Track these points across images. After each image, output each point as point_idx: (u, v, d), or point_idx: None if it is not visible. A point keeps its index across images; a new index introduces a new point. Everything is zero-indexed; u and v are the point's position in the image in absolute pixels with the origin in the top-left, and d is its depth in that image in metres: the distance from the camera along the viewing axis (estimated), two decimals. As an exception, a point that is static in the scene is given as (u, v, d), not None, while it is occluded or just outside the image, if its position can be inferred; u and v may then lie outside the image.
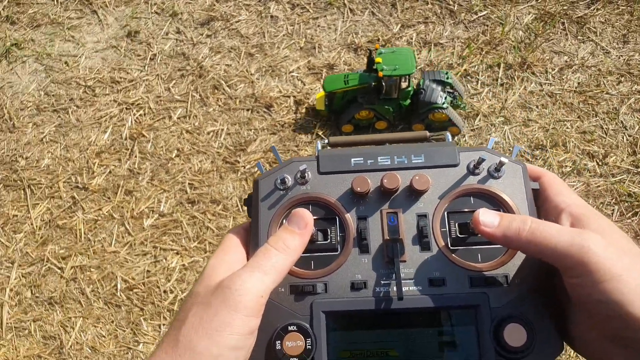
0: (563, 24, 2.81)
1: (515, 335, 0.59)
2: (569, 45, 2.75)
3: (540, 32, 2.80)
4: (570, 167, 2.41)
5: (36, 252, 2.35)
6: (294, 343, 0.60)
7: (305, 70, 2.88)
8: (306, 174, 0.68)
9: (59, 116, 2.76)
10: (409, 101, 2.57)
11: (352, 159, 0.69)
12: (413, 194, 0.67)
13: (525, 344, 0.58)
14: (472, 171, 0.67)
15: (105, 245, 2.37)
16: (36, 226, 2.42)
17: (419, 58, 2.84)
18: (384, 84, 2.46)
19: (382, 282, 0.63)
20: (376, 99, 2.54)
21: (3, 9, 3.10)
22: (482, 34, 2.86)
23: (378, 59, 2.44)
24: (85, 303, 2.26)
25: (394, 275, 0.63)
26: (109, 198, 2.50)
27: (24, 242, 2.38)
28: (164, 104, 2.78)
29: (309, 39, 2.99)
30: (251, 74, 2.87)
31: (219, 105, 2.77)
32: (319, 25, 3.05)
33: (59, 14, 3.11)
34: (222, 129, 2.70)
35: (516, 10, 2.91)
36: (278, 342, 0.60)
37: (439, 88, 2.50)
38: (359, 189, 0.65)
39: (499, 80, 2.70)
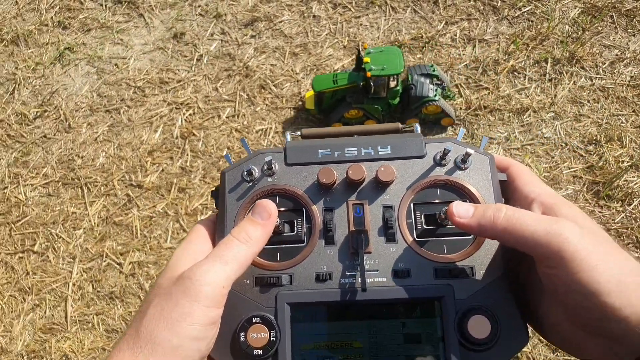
0: (612, 17, 2.79)
1: (479, 327, 0.58)
2: (619, 38, 2.72)
3: (587, 26, 2.78)
4: (628, 161, 2.38)
5: (95, 248, 2.42)
6: (258, 335, 0.60)
7: (349, 68, 2.90)
8: (273, 166, 0.68)
9: (111, 116, 2.83)
10: (398, 99, 2.59)
11: (319, 151, 0.69)
12: (379, 185, 0.67)
13: (489, 335, 0.58)
14: (438, 162, 0.67)
15: (161, 241, 2.42)
16: (94, 223, 2.49)
17: (463, 54, 2.84)
18: (372, 83, 2.47)
19: (347, 273, 0.63)
20: (365, 98, 2.55)
21: (55, 15, 3.19)
22: (527, 30, 2.85)
23: (366, 59, 2.45)
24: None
25: (358, 266, 0.63)
26: (162, 195, 2.56)
27: (84, 238, 2.45)
28: (212, 103, 2.83)
29: (352, 37, 3.02)
30: (296, 73, 2.91)
31: (266, 104, 2.81)
32: (361, 24, 3.07)
33: (107, 18, 3.19)
34: (270, 127, 2.74)
35: (561, 4, 2.89)
36: (242, 333, 0.60)
37: (428, 81, 2.53)
38: (324, 180, 0.65)
39: (547, 75, 2.68)
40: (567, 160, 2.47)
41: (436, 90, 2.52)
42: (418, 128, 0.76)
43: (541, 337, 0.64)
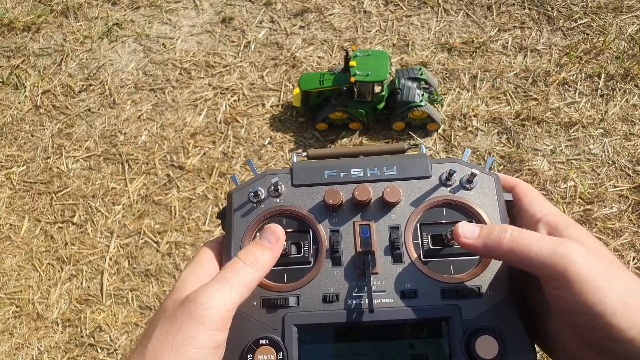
0: (671, 37, 2.73)
1: (486, 347, 0.58)
2: (677, 59, 2.67)
3: (645, 44, 2.73)
4: (680, 184, 2.34)
5: (133, 224, 2.43)
6: (265, 356, 0.60)
7: (397, 66, 2.88)
8: (279, 187, 0.68)
9: (156, 95, 2.84)
10: (383, 104, 2.57)
11: (326, 172, 0.69)
12: (385, 205, 0.67)
13: (497, 356, 0.58)
14: (444, 183, 0.67)
15: (200, 224, 2.43)
16: (133, 200, 2.50)
17: (513, 63, 2.80)
18: (355, 88, 2.45)
19: (354, 294, 0.63)
20: (349, 101, 2.53)
21: (106, -11, 3.21)
22: (582, 43, 2.80)
23: (352, 63, 2.43)
24: (178, 278, 2.32)
25: (365, 287, 0.63)
26: (203, 179, 2.56)
27: (122, 214, 2.47)
28: (257, 91, 2.83)
29: (402, 36, 2.99)
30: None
31: (311, 96, 2.80)
32: (412, 24, 3.05)
33: (158, -4, 3.19)
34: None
35: (619, 20, 2.84)
36: (250, 355, 0.60)
37: (415, 85, 2.51)
38: (331, 201, 0.66)
39: (599, 91, 2.64)
40: (614, 179, 2.43)
41: (422, 95, 2.51)
42: (424, 149, 0.76)
43: (548, 357, 0.63)
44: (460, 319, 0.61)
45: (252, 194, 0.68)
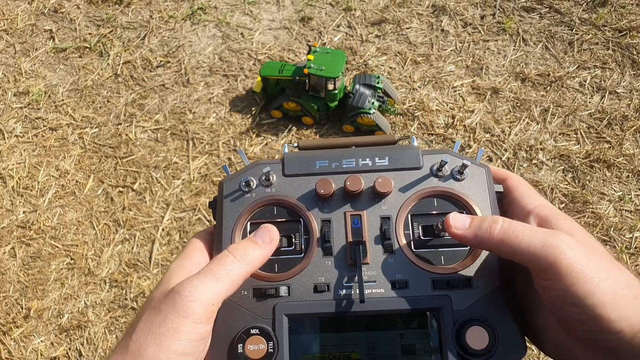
0: None
1: (477, 337, 0.58)
2: None
3: None
4: None
5: (189, 200, 2.51)
6: (256, 346, 0.59)
7: (468, 88, 2.88)
8: (271, 177, 0.68)
9: (228, 81, 2.93)
10: (336, 103, 2.65)
11: (317, 162, 0.69)
12: (376, 196, 0.67)
13: (487, 346, 0.58)
14: (435, 173, 0.67)
15: (252, 210, 2.48)
16: (193, 177, 2.58)
17: (589, 102, 2.75)
18: (307, 80, 2.55)
19: (345, 284, 0.63)
20: (303, 94, 2.61)
21: (197, -26, 3.33)
22: (664, 92, 2.73)
23: (310, 57, 2.52)
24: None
25: (356, 277, 0.63)
26: (261, 167, 2.61)
27: (180, 188, 2.54)
28: (326, 91, 2.87)
29: (477, 59, 2.98)
30: (413, 81, 2.90)
31: (377, 105, 2.82)
32: (488, 48, 3.03)
33: (244, -12, 3.30)
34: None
35: None
36: (240, 345, 0.59)
37: (368, 93, 2.59)
38: (322, 191, 0.65)
39: (676, 143, 2.56)
40: (678, 235, 2.34)
41: (373, 103, 2.56)
42: (415, 140, 0.75)
43: (538, 349, 0.64)
44: (450, 309, 0.61)
45: (243, 184, 0.68)
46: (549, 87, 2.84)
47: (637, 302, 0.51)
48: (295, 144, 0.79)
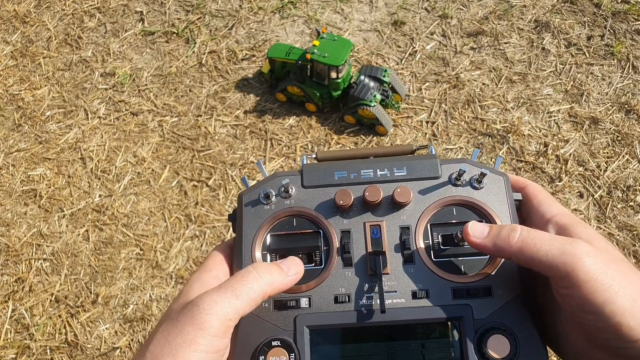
0: None
1: (498, 346, 0.58)
2: None
3: None
4: None
5: (262, 203, 2.45)
6: (277, 358, 0.60)
7: (565, 115, 2.67)
8: (290, 188, 0.68)
9: (311, 82, 2.84)
10: (339, 92, 2.59)
11: (336, 173, 0.69)
12: (395, 206, 0.67)
13: (509, 355, 0.58)
14: (453, 183, 0.67)
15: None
16: (267, 179, 2.52)
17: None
18: (309, 66, 2.51)
19: (366, 295, 0.63)
20: (307, 79, 2.57)
21: (290, -34, 3.25)
22: None
23: (316, 42, 2.48)
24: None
25: (377, 287, 0.63)
26: (338, 177, 2.53)
27: (254, 190, 2.49)
28: (410, 101, 2.74)
29: (578, 83, 2.76)
30: (507, 101, 2.72)
31: (465, 123, 2.67)
32: (592, 73, 2.80)
33: (336, -16, 3.18)
34: (460, 148, 2.60)
35: None
36: (262, 357, 0.60)
37: (372, 85, 2.53)
38: (341, 202, 0.66)
39: None
40: None
41: (375, 96, 2.49)
42: (433, 149, 0.75)
43: (558, 357, 0.63)
44: (471, 318, 0.61)
45: (262, 196, 0.68)
46: (657, 123, 2.60)
47: None
48: (314, 155, 0.79)
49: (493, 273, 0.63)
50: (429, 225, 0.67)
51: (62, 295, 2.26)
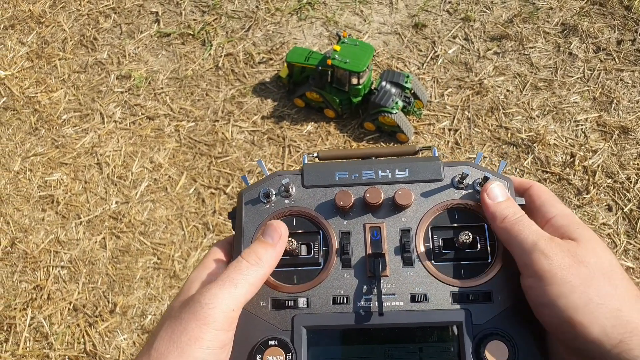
0: None
1: (497, 352, 0.58)
2: None
3: None
4: None
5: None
6: (274, 358, 0.60)
7: (593, 124, 2.59)
8: (290, 188, 0.67)
9: (331, 87, 2.78)
10: (360, 99, 2.52)
11: (337, 173, 0.69)
12: (396, 208, 0.66)
13: None
14: (456, 186, 0.67)
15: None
16: (286, 188, 2.48)
17: None
18: (330, 72, 2.44)
19: (364, 297, 0.63)
20: (327, 85, 2.50)
21: (309, -34, 3.17)
22: None
23: (336, 47, 2.41)
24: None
25: (375, 290, 0.62)
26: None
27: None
28: (433, 108, 2.67)
29: (606, 91, 2.68)
30: (531, 109, 2.65)
31: (489, 131, 2.59)
32: (621, 79, 2.71)
33: (356, -16, 3.11)
34: (484, 157, 2.53)
35: None
36: (259, 356, 0.60)
37: (394, 91, 2.46)
38: (341, 203, 0.65)
39: None
40: None
41: (396, 103, 2.42)
42: (436, 151, 0.75)
43: None
44: (470, 323, 0.60)
45: (262, 194, 0.68)
46: (689, 133, 2.51)
47: (617, 314, 0.51)
48: (316, 154, 0.79)
49: (494, 278, 0.63)
50: (429, 228, 0.66)
51: (80, 304, 2.25)
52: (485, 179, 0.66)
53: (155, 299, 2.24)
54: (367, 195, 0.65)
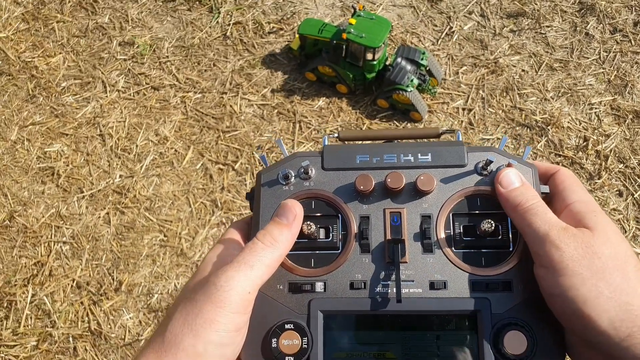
0: None
1: (515, 342, 0.58)
2: None
3: None
4: None
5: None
6: (290, 341, 0.59)
7: (607, 108, 2.56)
8: (310, 170, 0.66)
9: (342, 61, 2.69)
10: (374, 75, 2.45)
11: (358, 156, 0.67)
12: (418, 193, 0.65)
13: (525, 351, 0.57)
14: (479, 172, 0.65)
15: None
16: (296, 165, 2.41)
17: None
18: (344, 46, 2.35)
19: (382, 283, 0.62)
20: (341, 59, 2.41)
21: None
22: None
23: (352, 20, 2.32)
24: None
25: (394, 276, 0.62)
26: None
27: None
28: (446, 86, 2.61)
29: (621, 73, 2.63)
30: (546, 90, 2.60)
31: (503, 112, 2.55)
32: (637, 62, 2.67)
33: (369, -47, 2.98)
34: (498, 138, 2.49)
35: None
36: (274, 339, 0.59)
37: (409, 68, 2.38)
38: (362, 187, 0.64)
39: None
40: None
41: (412, 81, 2.36)
42: (460, 135, 0.73)
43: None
44: (489, 312, 0.60)
45: (281, 176, 0.66)
46: (702, 120, 2.49)
47: (626, 308, 0.51)
48: (336, 134, 0.77)
49: (514, 267, 0.62)
50: (451, 215, 0.65)
51: (84, 282, 2.19)
52: (510, 166, 0.64)
53: (162, 278, 2.19)
54: (389, 180, 0.64)
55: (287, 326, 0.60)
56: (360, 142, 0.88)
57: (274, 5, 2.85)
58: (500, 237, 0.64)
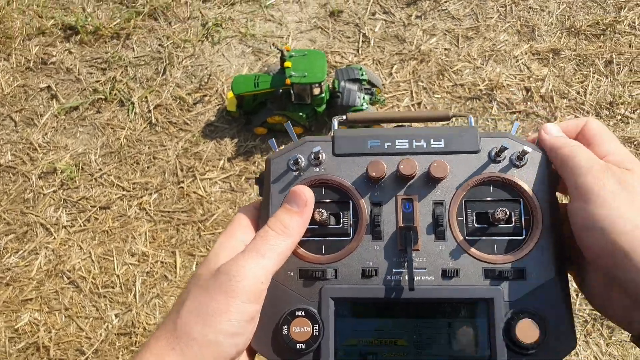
0: None
1: (527, 330, 0.58)
2: None
3: None
4: None
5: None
6: (301, 328, 0.59)
7: (529, 55, 2.73)
8: (320, 155, 0.66)
9: (281, 103, 2.59)
10: (324, 107, 2.43)
11: (369, 141, 0.67)
12: (430, 180, 0.65)
13: (538, 340, 0.57)
14: (493, 159, 0.65)
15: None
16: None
17: (651, 44, 2.70)
18: (292, 91, 2.31)
19: (394, 270, 0.62)
20: (288, 104, 2.38)
21: (197, -15, 2.88)
22: None
23: (287, 63, 2.28)
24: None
25: (406, 263, 0.62)
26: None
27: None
28: (390, 90, 2.62)
29: (524, 22, 2.83)
30: (474, 59, 2.71)
31: (447, 93, 2.62)
32: (530, 7, 2.88)
33: (253, -10, 2.89)
34: (456, 121, 2.55)
35: None
36: (285, 326, 0.59)
37: (355, 87, 2.39)
38: (374, 173, 0.64)
39: None
40: None
41: (363, 97, 2.39)
42: (472, 120, 0.73)
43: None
44: (502, 300, 0.60)
45: (291, 162, 0.65)
46: (602, 36, 2.76)
47: None
48: (344, 117, 0.74)
49: (527, 255, 0.61)
50: (464, 202, 0.64)
51: None
52: (524, 152, 0.63)
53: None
54: (401, 166, 0.63)
55: (298, 313, 0.60)
56: (369, 125, 0.78)
57: (185, 75, 2.65)
58: (513, 225, 0.63)
